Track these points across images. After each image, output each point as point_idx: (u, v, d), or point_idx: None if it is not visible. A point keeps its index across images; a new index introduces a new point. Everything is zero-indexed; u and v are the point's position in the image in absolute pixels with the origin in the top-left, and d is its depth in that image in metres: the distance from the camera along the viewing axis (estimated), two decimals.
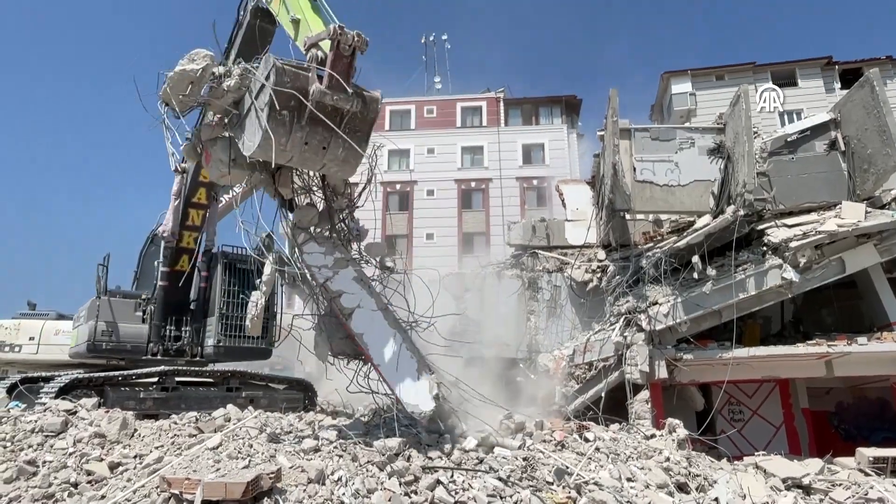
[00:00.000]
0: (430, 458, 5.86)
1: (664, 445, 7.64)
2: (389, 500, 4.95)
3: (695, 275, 10.29)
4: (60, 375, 9.17)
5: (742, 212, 10.19)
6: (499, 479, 5.58)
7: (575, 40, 78.48)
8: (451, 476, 5.52)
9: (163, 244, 10.58)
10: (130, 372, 9.39)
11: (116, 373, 9.36)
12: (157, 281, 10.51)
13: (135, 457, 5.90)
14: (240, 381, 10.33)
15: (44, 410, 7.28)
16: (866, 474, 7.56)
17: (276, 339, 10.96)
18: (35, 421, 6.65)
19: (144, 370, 9.44)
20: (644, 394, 10.02)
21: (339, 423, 7.25)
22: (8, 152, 65.50)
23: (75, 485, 5.28)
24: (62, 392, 8.56)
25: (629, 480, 6.19)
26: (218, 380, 10.21)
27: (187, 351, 10.52)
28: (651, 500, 5.82)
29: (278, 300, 10.86)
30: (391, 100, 35.01)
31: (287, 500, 4.77)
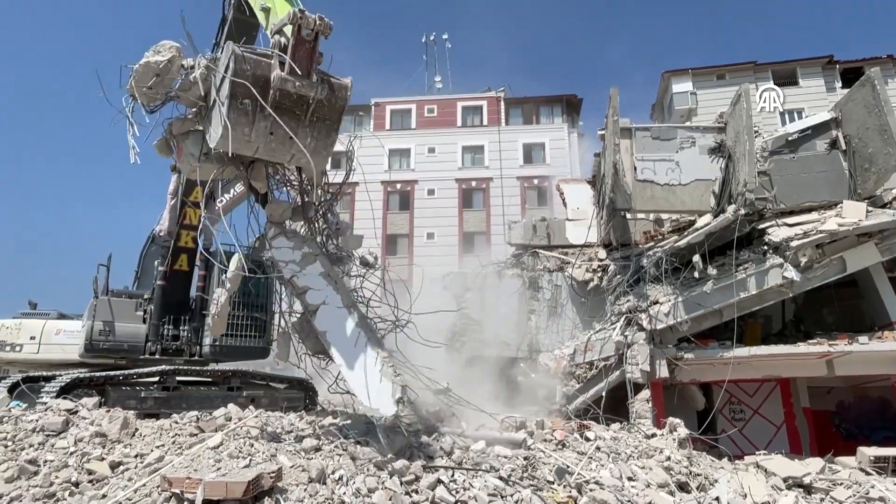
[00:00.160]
0: (431, 458, 5.86)
1: (665, 445, 7.63)
2: (390, 500, 4.94)
3: (696, 274, 10.29)
4: (61, 375, 9.18)
5: (743, 211, 10.20)
6: (500, 479, 5.57)
7: (575, 39, 78.53)
8: (452, 475, 5.51)
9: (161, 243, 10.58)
10: (131, 371, 9.41)
11: (117, 372, 9.37)
12: (156, 280, 10.53)
13: (136, 456, 5.89)
14: (241, 381, 10.34)
15: (45, 410, 7.28)
16: (867, 473, 7.56)
17: (274, 339, 10.93)
18: (36, 420, 6.65)
19: (145, 370, 9.45)
20: (645, 393, 10.03)
21: (340, 423, 7.24)
22: (12, 151, 65.58)
23: (76, 484, 5.28)
24: (63, 391, 8.57)
25: (630, 479, 6.18)
26: (219, 379, 10.22)
27: (186, 350, 10.53)
28: (652, 500, 5.81)
29: (277, 299, 10.84)
30: (392, 99, 35.05)
31: (288, 500, 4.77)
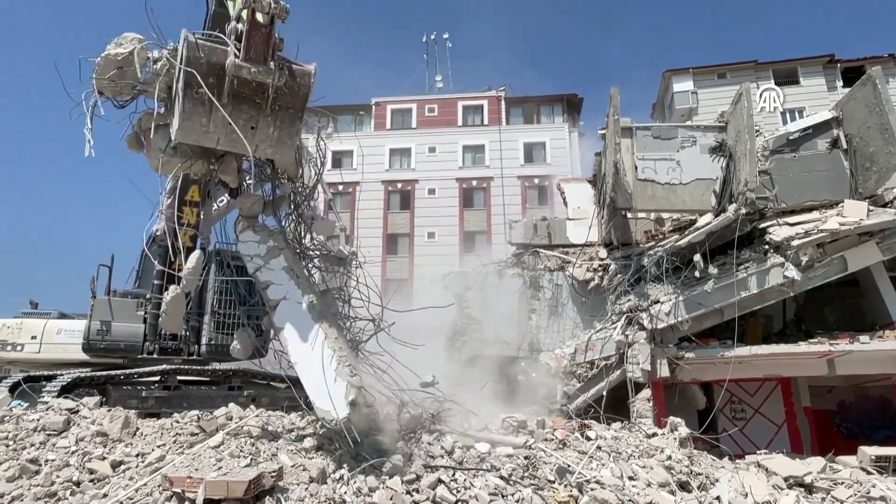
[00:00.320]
0: (432, 457, 5.85)
1: (666, 444, 7.63)
2: (391, 499, 4.94)
3: (696, 273, 10.27)
4: (62, 374, 9.20)
5: (744, 210, 10.18)
6: (500, 478, 5.57)
7: (576, 39, 78.49)
8: (453, 475, 5.51)
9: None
10: (133, 371, 9.42)
11: (118, 372, 9.38)
12: (154, 280, 10.53)
13: (137, 455, 5.89)
14: (242, 380, 10.36)
15: (46, 409, 7.27)
16: (868, 473, 7.54)
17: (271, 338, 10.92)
18: (37, 419, 6.64)
19: (146, 369, 9.46)
20: (646, 392, 10.02)
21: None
22: (12, 151, 65.62)
23: (77, 483, 5.28)
24: (64, 391, 8.60)
25: (631, 479, 6.18)
26: (220, 379, 10.23)
27: (184, 349, 10.53)
28: (653, 499, 5.81)
29: None
30: (392, 98, 35.08)
31: (289, 499, 4.77)
